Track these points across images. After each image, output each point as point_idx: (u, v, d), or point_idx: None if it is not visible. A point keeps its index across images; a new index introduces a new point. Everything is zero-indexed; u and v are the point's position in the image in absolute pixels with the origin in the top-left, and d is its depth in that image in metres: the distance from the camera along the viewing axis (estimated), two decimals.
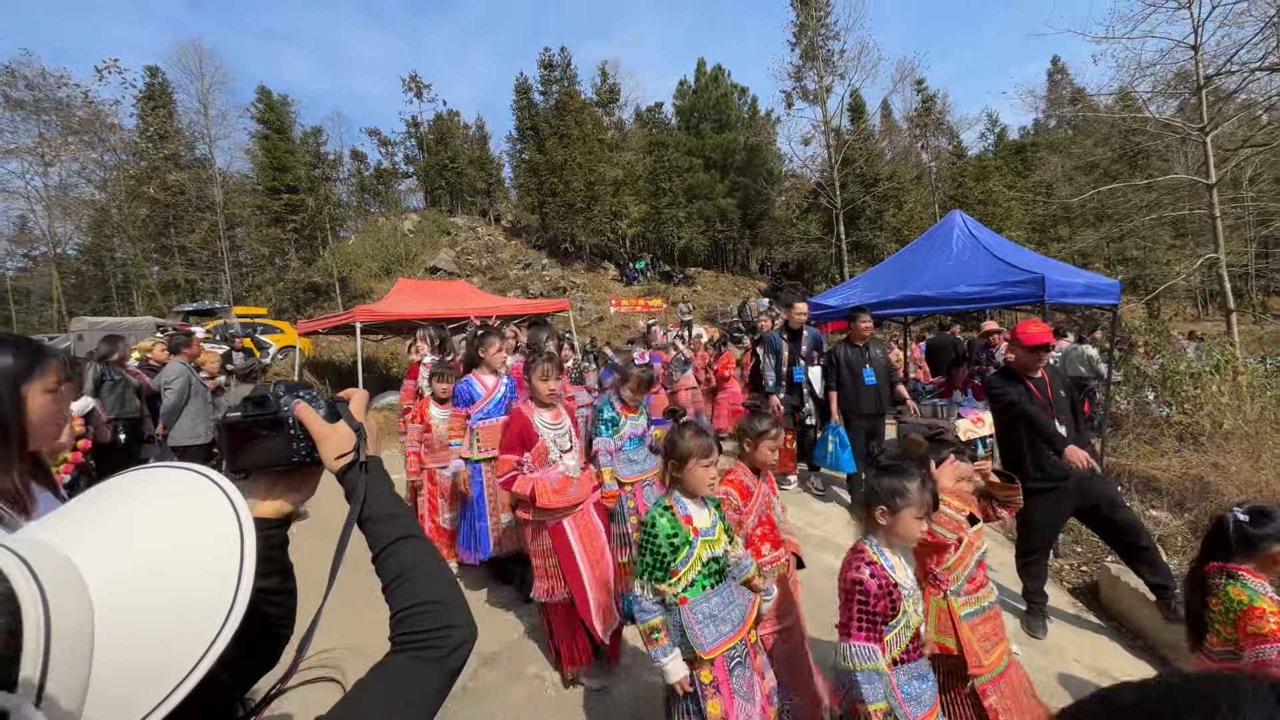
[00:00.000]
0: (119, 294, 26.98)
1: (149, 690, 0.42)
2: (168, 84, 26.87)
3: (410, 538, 0.75)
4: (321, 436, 0.75)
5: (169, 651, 0.44)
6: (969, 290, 5.24)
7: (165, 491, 0.53)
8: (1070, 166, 25.03)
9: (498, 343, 3.77)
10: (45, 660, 0.38)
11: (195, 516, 0.51)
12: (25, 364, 1.17)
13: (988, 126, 37.14)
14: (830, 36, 27.73)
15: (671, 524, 1.89)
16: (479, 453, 3.58)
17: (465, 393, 3.67)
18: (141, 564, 0.46)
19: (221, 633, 0.46)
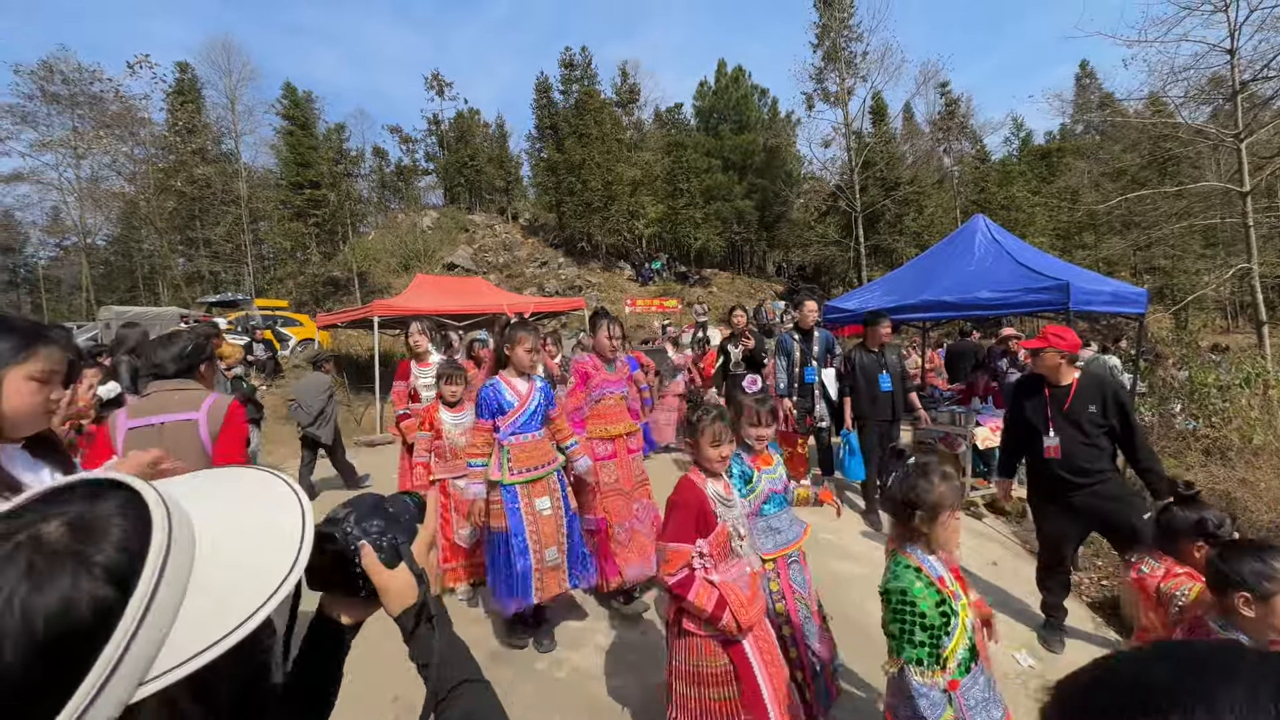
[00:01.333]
0: (145, 284, 27.63)
1: (220, 622, 0.49)
2: (197, 79, 27.46)
3: (468, 681, 0.76)
4: (383, 587, 0.74)
5: (238, 596, 0.51)
6: (991, 296, 5.15)
7: (252, 480, 0.63)
8: (1097, 172, 24.60)
9: (529, 339, 3.10)
10: (159, 577, 0.46)
11: (275, 508, 0.60)
12: (7, 349, 1.16)
13: (1012, 131, 36.55)
14: (853, 38, 27.50)
15: (929, 588, 1.57)
16: (512, 475, 2.95)
17: (492, 400, 3.00)
18: (230, 523, 0.55)
19: (275, 594, 0.53)
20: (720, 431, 2.01)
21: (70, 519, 0.46)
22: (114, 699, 0.43)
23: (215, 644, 0.47)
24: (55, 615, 0.42)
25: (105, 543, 0.45)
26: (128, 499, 0.49)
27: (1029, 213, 25.95)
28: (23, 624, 0.41)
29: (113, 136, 24.52)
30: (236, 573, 0.52)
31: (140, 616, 0.44)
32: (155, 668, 0.45)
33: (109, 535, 0.46)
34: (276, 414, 10.44)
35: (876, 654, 3.02)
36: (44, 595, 0.42)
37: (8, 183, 24.62)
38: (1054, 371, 3.22)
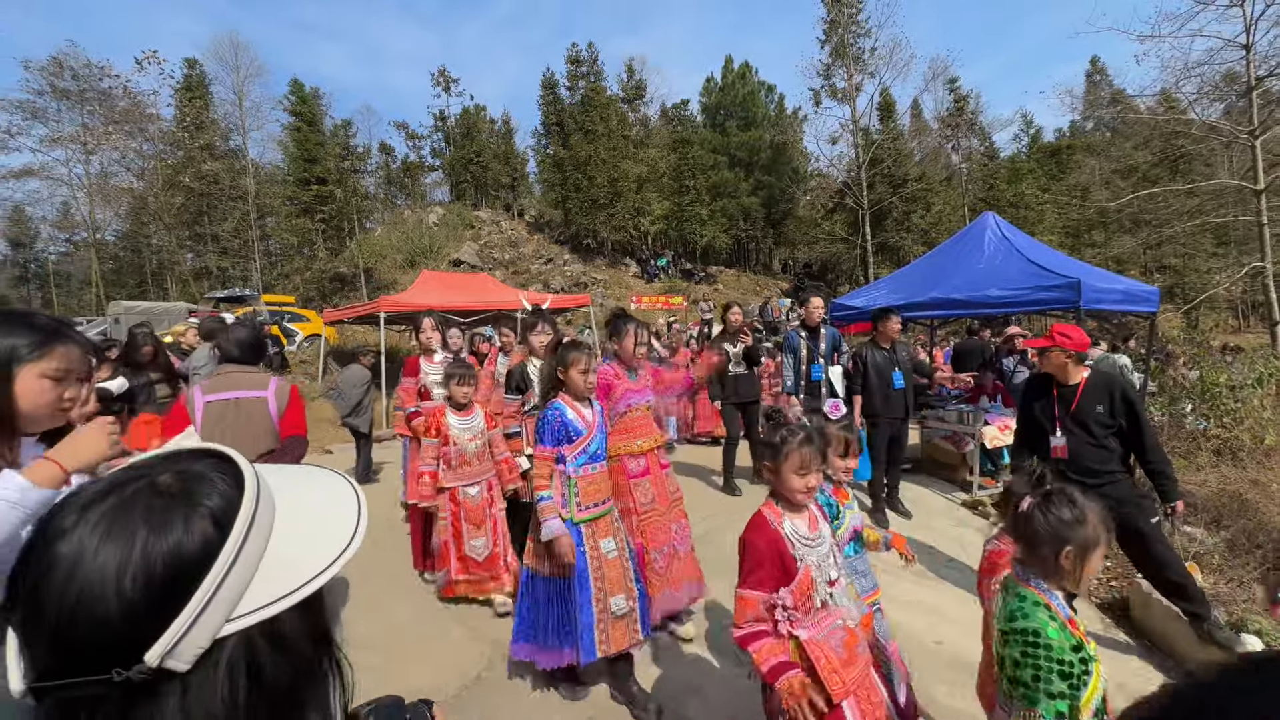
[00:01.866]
0: (154, 279, 27.79)
1: (294, 576, 0.55)
2: (205, 76, 27.55)
3: None
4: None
5: (310, 556, 0.57)
6: (1000, 294, 5.11)
7: (322, 472, 0.69)
8: (1108, 170, 24.36)
9: (583, 359, 2.65)
10: (251, 523, 0.52)
11: (333, 486, 0.66)
12: (27, 346, 1.17)
13: (1022, 128, 36.27)
14: (862, 34, 27.33)
15: (1063, 630, 1.36)
16: (580, 511, 2.58)
17: (557, 426, 2.61)
18: (302, 495, 0.62)
19: (341, 555, 0.58)
20: (809, 458, 1.71)
21: (179, 471, 0.53)
22: (207, 628, 0.48)
23: (288, 595, 0.53)
24: (171, 551, 0.47)
25: (211, 490, 0.52)
26: (222, 461, 0.56)
27: (1038, 210, 25.75)
28: (143, 559, 0.46)
29: (122, 132, 24.67)
30: (304, 540, 0.57)
31: (235, 555, 0.50)
32: (240, 607, 0.50)
33: (214, 484, 0.53)
34: None
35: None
36: (162, 533, 0.48)
37: (18, 178, 24.77)
38: (1061, 371, 3.18)
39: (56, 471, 1.12)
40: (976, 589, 1.91)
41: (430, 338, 4.44)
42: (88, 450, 1.18)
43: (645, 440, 3.04)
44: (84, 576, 0.45)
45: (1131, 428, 3.05)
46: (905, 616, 3.43)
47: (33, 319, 1.22)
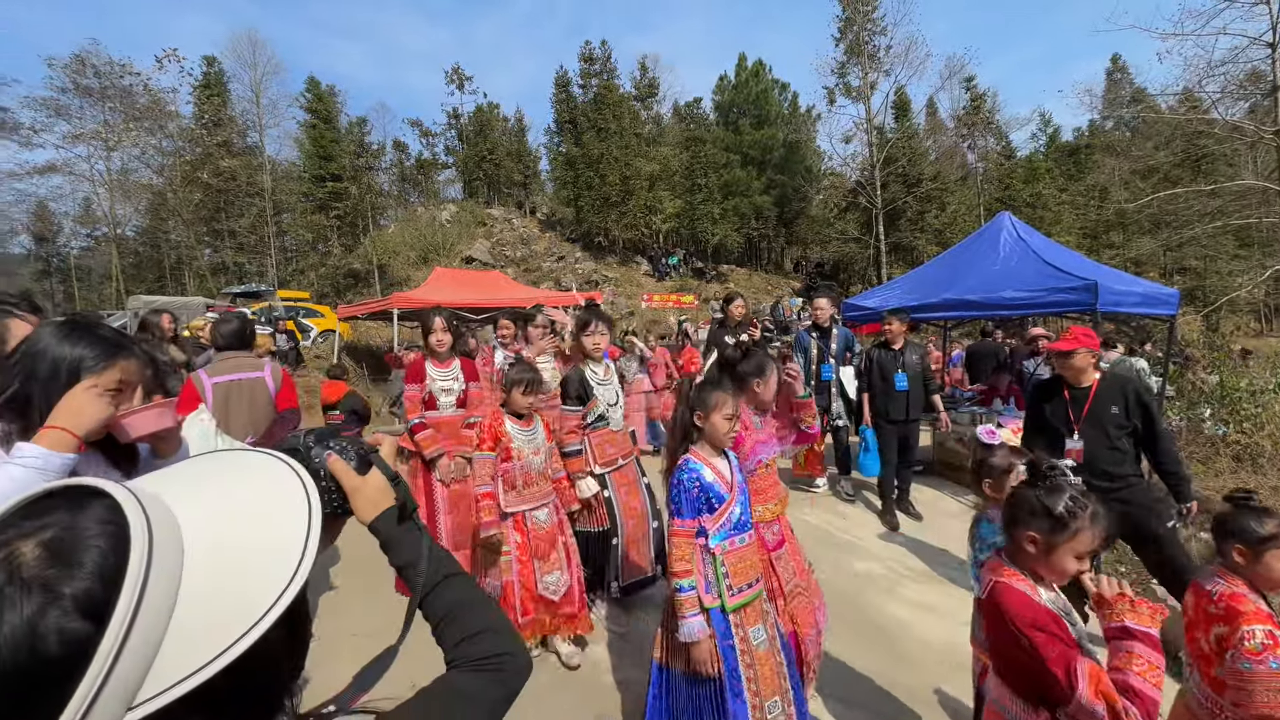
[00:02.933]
0: (172, 275, 28.19)
1: (214, 639, 0.46)
2: (223, 73, 27.86)
3: (454, 576, 0.78)
4: (353, 490, 0.75)
5: (236, 607, 0.48)
6: (1016, 295, 5.06)
7: (248, 467, 0.60)
8: (1127, 170, 23.93)
9: (730, 403, 2.08)
10: (141, 594, 0.43)
11: (272, 491, 0.57)
12: (90, 358, 1.23)
13: (1040, 127, 35.69)
14: (877, 31, 27.09)
15: None
16: (731, 597, 2.03)
17: (695, 491, 2.03)
18: (224, 525, 0.52)
19: (280, 599, 0.50)
20: (1097, 538, 1.40)
21: (46, 540, 0.44)
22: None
23: (210, 662, 0.45)
24: (19, 648, 0.40)
25: (78, 571, 0.43)
26: (111, 510, 0.46)
27: (1055, 211, 25.43)
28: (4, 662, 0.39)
29: (142, 129, 25.04)
30: (235, 579, 0.49)
31: (118, 648, 0.41)
32: (144, 691, 0.43)
33: (84, 561, 0.43)
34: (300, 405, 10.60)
35: (895, 654, 3.01)
36: (10, 629, 0.40)
37: (42, 174, 25.21)
38: (1081, 373, 3.16)
39: (67, 436, 1.14)
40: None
41: (440, 340, 3.74)
42: (87, 412, 1.17)
43: (775, 504, 2.40)
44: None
45: (1146, 429, 3.03)
46: (915, 617, 3.43)
47: (98, 331, 1.27)
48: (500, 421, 2.91)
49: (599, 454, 3.27)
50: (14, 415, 1.18)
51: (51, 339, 1.22)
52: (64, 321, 1.26)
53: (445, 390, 3.72)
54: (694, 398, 2.14)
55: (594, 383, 3.31)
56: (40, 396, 1.18)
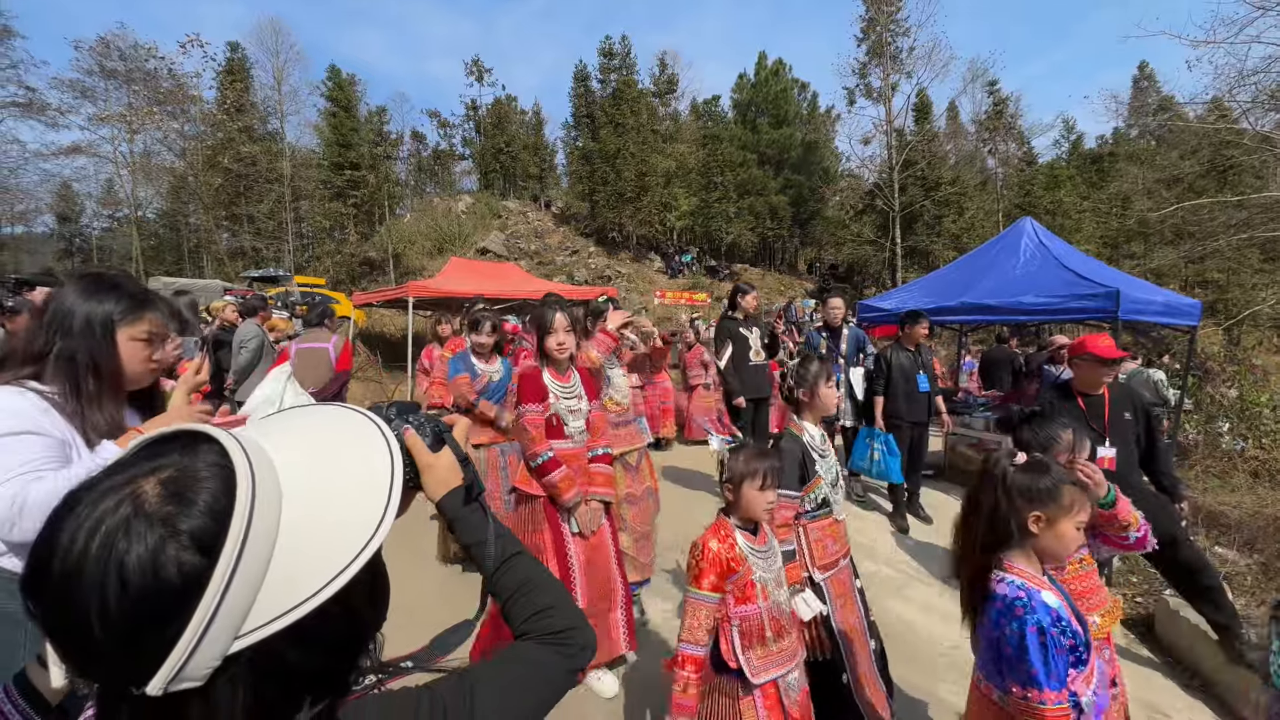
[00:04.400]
0: (191, 257, 28.55)
1: (310, 577, 0.50)
2: (246, 60, 28.13)
3: (519, 554, 0.81)
4: (425, 466, 0.77)
5: (329, 548, 0.52)
6: (1035, 301, 5.02)
7: (340, 420, 0.63)
8: (1151, 179, 23.51)
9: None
10: (246, 532, 0.47)
11: (361, 444, 0.61)
12: (125, 310, 1.26)
13: (1063, 133, 35.26)
14: (900, 33, 26.80)
15: None
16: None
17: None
18: (318, 472, 0.56)
19: (369, 543, 0.54)
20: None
21: (165, 479, 0.48)
22: (212, 651, 0.45)
23: (305, 600, 0.49)
24: (147, 579, 0.44)
25: (193, 508, 0.47)
26: (219, 453, 0.50)
27: (1076, 219, 25.07)
28: (120, 584, 0.43)
29: (165, 113, 25.35)
30: (328, 523, 0.53)
31: (227, 580, 0.45)
32: (250, 621, 0.47)
33: (197, 499, 0.47)
34: None
35: (900, 654, 3.01)
36: (138, 562, 0.44)
37: (67, 155, 25.59)
38: (1099, 382, 3.15)
39: None
40: None
41: (563, 344, 2.65)
42: (173, 421, 1.25)
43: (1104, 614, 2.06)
44: (75, 607, 0.43)
45: (1147, 437, 3.12)
46: (922, 619, 3.43)
47: (123, 285, 1.30)
48: (731, 542, 1.79)
49: (819, 553, 2.24)
50: (60, 375, 1.20)
51: (78, 296, 1.24)
52: (86, 276, 1.28)
53: (572, 411, 2.73)
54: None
55: (815, 453, 2.31)
56: (82, 352, 1.21)
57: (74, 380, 1.20)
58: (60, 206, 31.83)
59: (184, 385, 1.73)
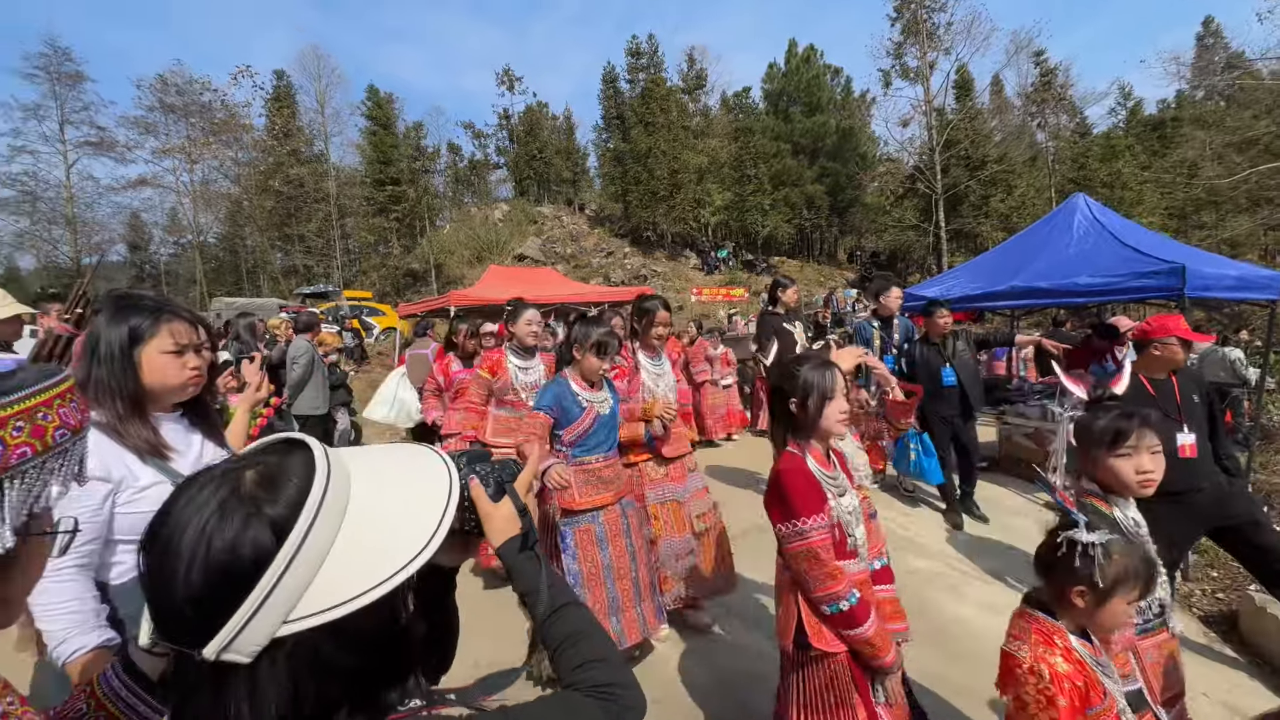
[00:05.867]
0: (249, 277, 30.12)
1: (350, 585, 0.55)
2: (291, 86, 29.47)
3: (570, 605, 0.83)
4: (486, 515, 0.82)
5: (376, 560, 0.57)
6: (1091, 281, 4.75)
7: (413, 455, 0.71)
8: (1221, 143, 21.92)
9: None
10: (309, 526, 0.53)
11: (425, 478, 0.67)
12: (142, 329, 1.29)
13: (1119, 100, 33.24)
14: (936, 8, 25.86)
15: None
16: None
17: None
18: (383, 492, 0.62)
19: (410, 563, 0.58)
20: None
21: (261, 470, 0.56)
22: (262, 628, 0.51)
23: (349, 600, 0.54)
24: (228, 559, 0.50)
25: (278, 497, 0.54)
26: (309, 458, 0.58)
27: (1136, 190, 23.60)
28: (206, 561, 0.50)
29: (220, 142, 26.88)
30: (374, 545, 0.58)
31: (287, 565, 0.51)
32: (298, 610, 0.52)
33: (281, 491, 0.54)
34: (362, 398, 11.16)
35: (950, 653, 2.91)
36: (226, 539, 0.51)
37: (135, 187, 27.47)
38: (1168, 365, 2.97)
39: None
40: None
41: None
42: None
43: None
44: (168, 566, 0.50)
45: (1210, 421, 2.97)
46: (977, 616, 3.30)
47: (139, 301, 1.34)
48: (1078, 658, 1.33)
49: None
50: (98, 401, 1.26)
51: (104, 321, 1.28)
52: (110, 301, 1.33)
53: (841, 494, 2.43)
54: None
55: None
56: (110, 378, 1.26)
57: (112, 402, 1.26)
58: (131, 236, 33.99)
59: (245, 403, 1.83)
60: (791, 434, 1.73)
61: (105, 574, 1.25)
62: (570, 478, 2.52)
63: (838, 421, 1.69)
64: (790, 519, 1.59)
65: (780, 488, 1.63)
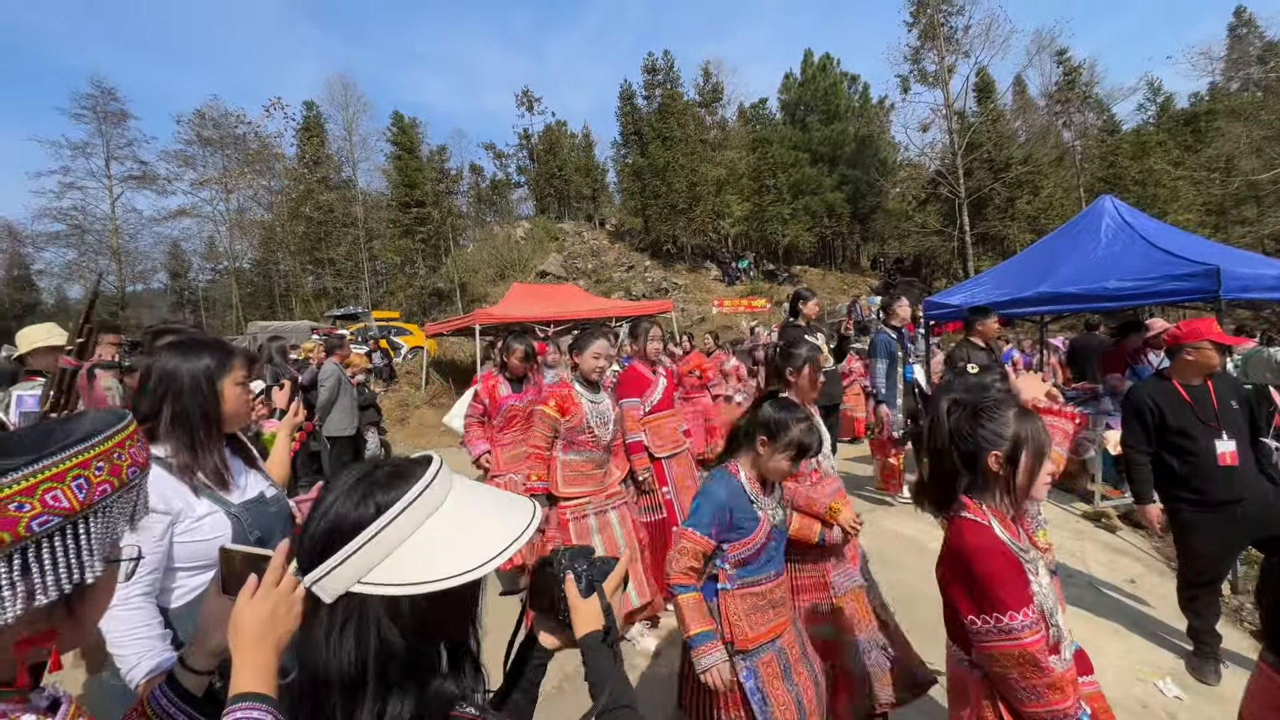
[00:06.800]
0: (281, 301, 31.06)
1: (410, 573, 0.67)
2: (321, 115, 30.54)
3: (629, 708, 0.88)
4: (574, 608, 0.93)
5: (430, 566, 0.68)
6: (1121, 285, 4.64)
7: (512, 503, 0.81)
8: (1259, 136, 21.20)
9: None
10: (398, 514, 0.68)
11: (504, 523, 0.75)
12: (220, 362, 1.43)
13: (1148, 96, 32.37)
14: (953, 12, 25.65)
15: None
16: None
17: None
18: (474, 511, 0.75)
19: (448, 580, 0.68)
20: None
21: (390, 470, 0.73)
22: (342, 578, 0.67)
23: (404, 585, 0.66)
24: (341, 519, 0.68)
25: (393, 490, 0.70)
26: (429, 465, 0.75)
27: (1171, 187, 22.93)
28: (332, 512, 0.69)
29: (253, 171, 27.95)
30: (442, 551, 0.70)
31: (370, 537, 0.67)
32: (370, 576, 0.67)
33: (399, 487, 0.70)
34: (391, 417, 11.41)
35: None
36: (346, 506, 0.69)
37: (174, 218, 28.75)
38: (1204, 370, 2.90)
39: None
40: None
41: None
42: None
43: None
44: (313, 515, 0.71)
45: (1252, 426, 2.90)
46: None
47: (211, 341, 1.49)
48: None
49: None
50: (175, 433, 1.36)
51: (178, 358, 1.38)
52: (176, 342, 1.43)
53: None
54: None
55: None
56: (195, 408, 1.37)
57: (190, 434, 1.36)
58: (171, 264, 35.40)
59: (286, 428, 1.93)
60: (972, 492, 1.40)
61: (166, 599, 1.32)
62: (734, 679, 1.87)
63: (1045, 485, 1.43)
64: (990, 612, 1.26)
65: (972, 570, 1.31)
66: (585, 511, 3.17)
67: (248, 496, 1.45)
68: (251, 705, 0.75)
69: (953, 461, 1.40)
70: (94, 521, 0.63)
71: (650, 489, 3.62)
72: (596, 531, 3.16)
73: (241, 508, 1.40)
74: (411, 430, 11.43)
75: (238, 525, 1.36)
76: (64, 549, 0.60)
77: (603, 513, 3.21)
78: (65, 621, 0.64)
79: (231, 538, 1.33)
